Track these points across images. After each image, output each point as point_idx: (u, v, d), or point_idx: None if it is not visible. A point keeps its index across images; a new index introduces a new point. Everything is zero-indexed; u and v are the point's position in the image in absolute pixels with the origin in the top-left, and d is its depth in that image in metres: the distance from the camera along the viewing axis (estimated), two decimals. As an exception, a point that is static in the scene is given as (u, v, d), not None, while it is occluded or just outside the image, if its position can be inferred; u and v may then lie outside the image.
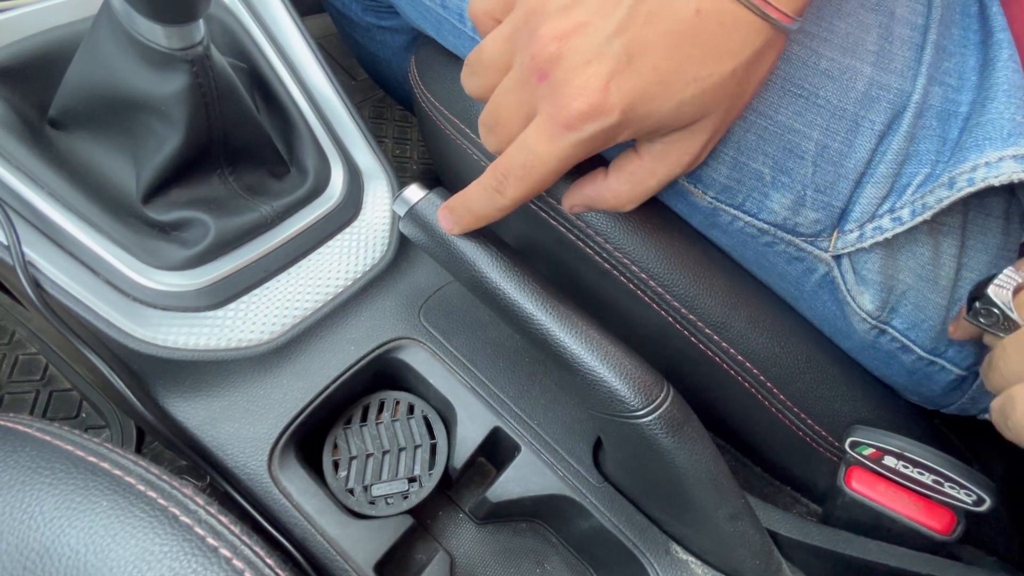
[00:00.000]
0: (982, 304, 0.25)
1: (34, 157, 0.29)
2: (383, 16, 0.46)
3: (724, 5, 0.22)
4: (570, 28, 0.22)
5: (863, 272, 0.29)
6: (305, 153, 0.36)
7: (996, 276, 0.24)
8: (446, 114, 0.37)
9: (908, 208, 0.27)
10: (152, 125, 0.29)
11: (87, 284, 0.29)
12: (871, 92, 0.27)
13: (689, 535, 0.31)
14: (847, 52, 0.27)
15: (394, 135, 0.79)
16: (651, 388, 0.26)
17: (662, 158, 0.26)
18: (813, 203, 0.28)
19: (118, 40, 0.27)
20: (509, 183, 0.25)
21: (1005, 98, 0.26)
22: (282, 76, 0.37)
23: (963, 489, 0.29)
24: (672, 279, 0.32)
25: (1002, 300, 0.24)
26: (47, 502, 0.20)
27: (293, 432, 0.30)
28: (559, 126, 0.23)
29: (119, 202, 0.31)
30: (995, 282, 0.24)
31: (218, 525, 0.21)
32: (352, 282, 0.34)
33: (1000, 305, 0.24)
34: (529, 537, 0.34)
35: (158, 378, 0.30)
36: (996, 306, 0.24)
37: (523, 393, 0.34)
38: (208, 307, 0.31)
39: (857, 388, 0.35)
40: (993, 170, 0.25)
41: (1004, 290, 0.24)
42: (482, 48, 0.25)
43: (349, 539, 0.29)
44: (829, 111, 0.27)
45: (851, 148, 0.27)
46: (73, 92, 0.29)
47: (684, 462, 0.27)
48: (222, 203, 0.32)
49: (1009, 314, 0.24)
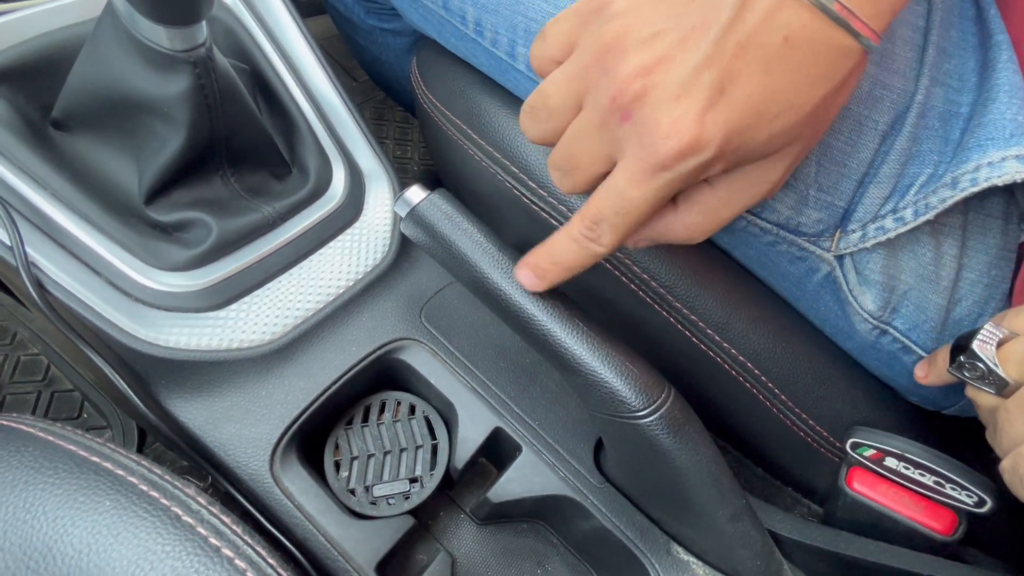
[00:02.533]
0: (967, 358, 0.25)
1: (37, 158, 0.29)
2: (385, 19, 0.47)
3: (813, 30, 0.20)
4: (652, 63, 0.21)
5: (865, 272, 0.29)
6: (307, 154, 0.36)
7: (979, 331, 0.25)
8: (448, 115, 0.37)
9: (911, 208, 0.27)
10: (154, 126, 0.29)
11: (90, 285, 0.29)
12: (875, 92, 0.27)
13: (690, 536, 0.31)
14: None
15: (395, 136, 0.79)
16: (652, 389, 0.26)
17: (741, 188, 0.24)
18: (816, 202, 0.28)
19: (121, 42, 0.27)
20: (604, 231, 0.23)
21: (1007, 99, 0.26)
22: (284, 77, 0.37)
23: (964, 490, 0.29)
24: (673, 280, 0.32)
25: (987, 355, 0.25)
26: (50, 502, 0.20)
27: (295, 432, 0.30)
28: (652, 168, 0.22)
29: (121, 203, 0.31)
30: (979, 337, 0.25)
31: (220, 525, 0.21)
32: (353, 283, 0.34)
33: (985, 360, 0.25)
34: (530, 537, 0.34)
35: (160, 378, 0.30)
36: (981, 361, 0.25)
37: (524, 393, 0.34)
38: (210, 308, 0.31)
39: (858, 389, 0.35)
40: (996, 170, 0.25)
41: (988, 345, 0.25)
42: (546, 92, 0.24)
43: (350, 539, 0.29)
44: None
45: (855, 148, 0.27)
46: (76, 93, 0.29)
47: (685, 462, 0.27)
48: (224, 204, 0.32)
49: (994, 369, 0.25)
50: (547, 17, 0.29)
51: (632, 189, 0.22)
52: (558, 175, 0.25)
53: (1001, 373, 0.24)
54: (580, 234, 0.24)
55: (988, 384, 0.25)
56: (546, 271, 0.25)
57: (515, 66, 0.31)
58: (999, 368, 0.24)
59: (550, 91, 0.24)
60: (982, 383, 0.25)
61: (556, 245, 0.25)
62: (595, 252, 0.24)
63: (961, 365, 0.26)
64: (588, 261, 0.25)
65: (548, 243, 0.25)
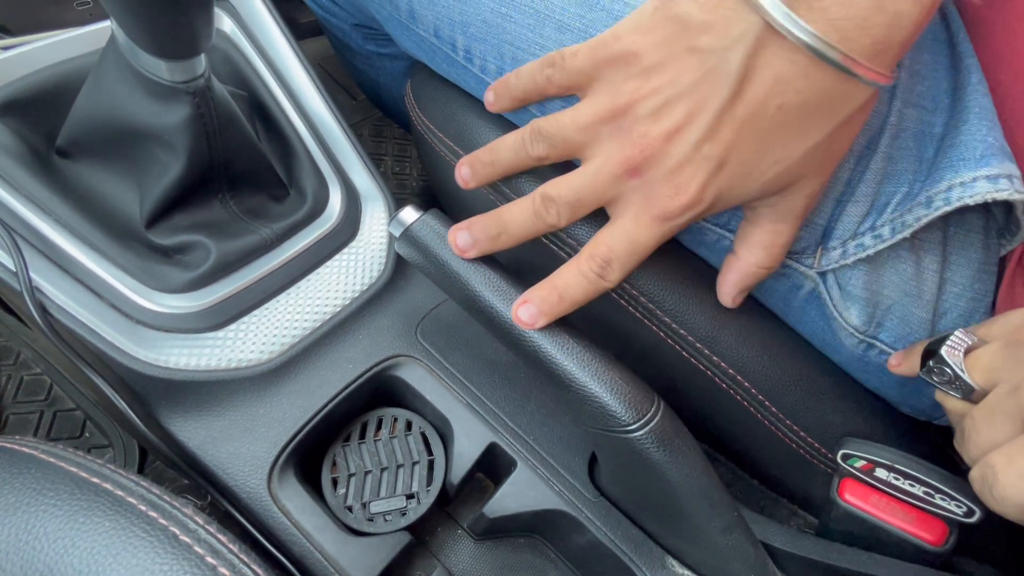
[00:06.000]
0: (935, 363, 0.26)
1: (42, 186, 0.30)
2: (382, 44, 0.48)
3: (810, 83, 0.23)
4: (662, 134, 0.24)
5: (848, 288, 0.30)
6: (304, 176, 0.36)
7: (949, 337, 0.26)
8: (441, 137, 0.38)
9: (888, 226, 0.28)
10: (155, 153, 0.30)
11: (92, 307, 0.29)
12: None
13: (684, 548, 0.31)
14: None
15: (394, 153, 0.80)
16: (642, 403, 0.27)
17: (778, 220, 0.28)
18: None
19: (123, 74, 0.28)
20: (614, 269, 0.27)
21: (977, 120, 0.27)
22: (281, 103, 0.38)
23: (953, 500, 0.29)
24: (662, 295, 0.33)
25: (954, 361, 0.25)
26: (51, 523, 0.20)
27: (292, 450, 0.31)
28: (658, 218, 0.26)
29: (123, 227, 0.31)
30: (948, 343, 0.26)
31: (217, 544, 0.21)
32: (350, 301, 0.35)
33: (952, 366, 0.25)
34: (527, 552, 0.34)
35: (160, 398, 0.31)
36: (948, 366, 0.26)
37: (519, 409, 0.34)
38: (209, 328, 0.31)
39: (849, 400, 0.35)
40: (968, 190, 0.25)
41: (956, 351, 0.26)
42: (562, 126, 0.27)
43: (348, 556, 0.29)
44: None
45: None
46: (80, 123, 0.30)
47: (676, 475, 0.27)
48: (223, 226, 0.33)
49: (960, 375, 0.25)
50: (533, 46, 0.30)
51: (639, 234, 0.26)
52: (557, 206, 0.27)
53: (967, 379, 0.25)
54: (591, 271, 0.27)
55: (955, 389, 0.26)
56: (553, 306, 0.27)
57: (503, 91, 0.32)
58: (965, 374, 0.25)
59: (557, 128, 0.27)
60: (949, 388, 0.26)
61: (565, 280, 0.27)
62: (603, 287, 0.27)
63: (930, 369, 0.26)
64: (594, 295, 0.27)
65: (555, 279, 0.27)
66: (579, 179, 0.27)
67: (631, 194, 0.26)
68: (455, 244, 0.28)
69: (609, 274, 0.27)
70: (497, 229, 0.28)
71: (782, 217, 0.27)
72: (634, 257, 0.27)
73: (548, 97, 0.29)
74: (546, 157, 0.28)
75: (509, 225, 0.28)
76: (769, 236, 0.28)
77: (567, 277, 0.27)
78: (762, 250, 0.28)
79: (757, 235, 0.28)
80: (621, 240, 0.26)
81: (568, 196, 0.27)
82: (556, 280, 0.27)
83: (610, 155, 0.26)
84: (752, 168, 0.25)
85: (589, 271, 0.27)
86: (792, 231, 0.28)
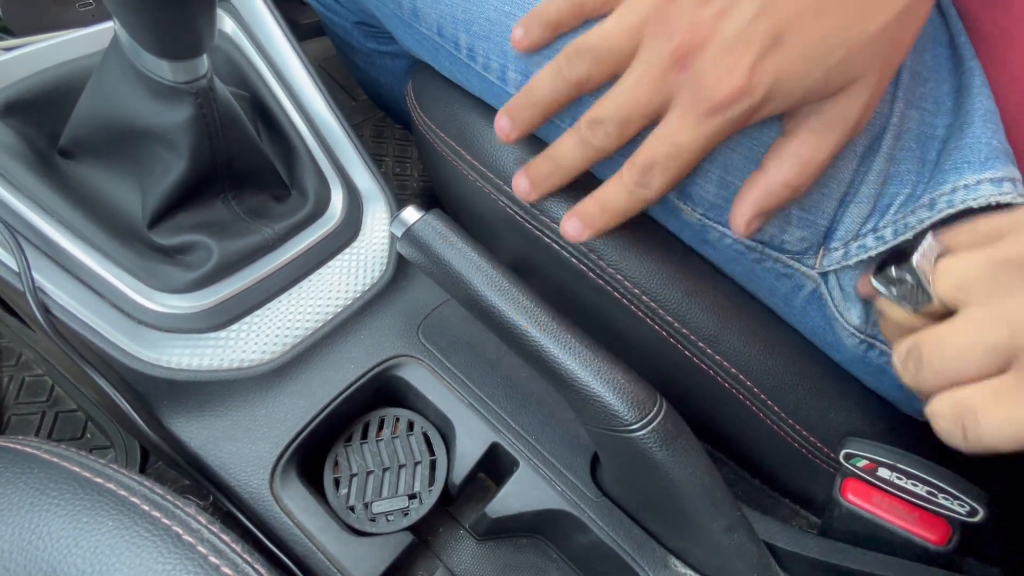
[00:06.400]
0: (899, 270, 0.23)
1: (44, 186, 0.30)
2: (383, 42, 0.48)
3: None
4: (711, 16, 0.22)
5: (849, 289, 0.30)
6: (306, 177, 0.37)
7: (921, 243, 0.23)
8: (443, 136, 0.38)
9: (891, 228, 0.28)
10: (158, 154, 0.30)
11: (94, 308, 0.29)
12: None
13: (687, 548, 0.31)
14: None
15: (395, 153, 0.80)
16: (644, 402, 0.27)
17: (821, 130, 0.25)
18: (799, 221, 0.29)
19: (126, 74, 0.28)
20: (655, 175, 0.24)
21: (981, 123, 0.26)
22: (283, 103, 0.38)
23: (956, 500, 0.29)
24: (665, 294, 0.33)
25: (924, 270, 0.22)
26: (54, 523, 0.20)
27: (295, 450, 0.31)
28: (703, 113, 0.23)
29: (125, 228, 0.31)
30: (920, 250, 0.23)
31: (220, 544, 0.21)
32: (352, 301, 0.35)
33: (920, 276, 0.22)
34: (530, 552, 0.34)
35: (162, 399, 0.31)
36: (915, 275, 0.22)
37: (521, 409, 0.34)
38: (211, 328, 0.31)
39: (851, 400, 0.35)
40: (972, 192, 0.25)
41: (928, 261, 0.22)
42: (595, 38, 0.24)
43: (350, 556, 0.29)
44: None
45: (834, 168, 0.28)
46: (83, 123, 0.30)
47: (678, 475, 0.27)
48: (225, 226, 0.33)
49: (926, 287, 0.22)
50: None
51: (683, 134, 0.23)
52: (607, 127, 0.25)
53: (931, 292, 0.22)
54: (632, 181, 0.25)
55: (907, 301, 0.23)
56: (595, 219, 0.26)
57: (507, 89, 0.32)
58: (931, 287, 0.22)
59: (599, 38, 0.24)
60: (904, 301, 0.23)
61: (607, 193, 0.26)
62: (645, 197, 0.25)
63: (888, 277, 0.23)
64: (637, 207, 0.26)
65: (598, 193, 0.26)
66: (623, 89, 0.24)
67: (680, 91, 0.23)
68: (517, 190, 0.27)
69: (651, 181, 0.24)
70: (548, 167, 0.27)
71: (829, 126, 0.24)
72: (677, 161, 0.24)
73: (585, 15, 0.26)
74: (588, 79, 0.25)
75: (560, 160, 0.26)
76: (809, 150, 0.25)
77: (609, 189, 0.25)
78: (796, 164, 0.25)
79: (793, 146, 0.25)
80: (664, 143, 0.24)
81: (614, 111, 0.25)
82: (599, 193, 0.26)
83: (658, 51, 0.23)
84: (815, 49, 0.22)
85: (630, 180, 0.25)
86: (835, 148, 0.25)
